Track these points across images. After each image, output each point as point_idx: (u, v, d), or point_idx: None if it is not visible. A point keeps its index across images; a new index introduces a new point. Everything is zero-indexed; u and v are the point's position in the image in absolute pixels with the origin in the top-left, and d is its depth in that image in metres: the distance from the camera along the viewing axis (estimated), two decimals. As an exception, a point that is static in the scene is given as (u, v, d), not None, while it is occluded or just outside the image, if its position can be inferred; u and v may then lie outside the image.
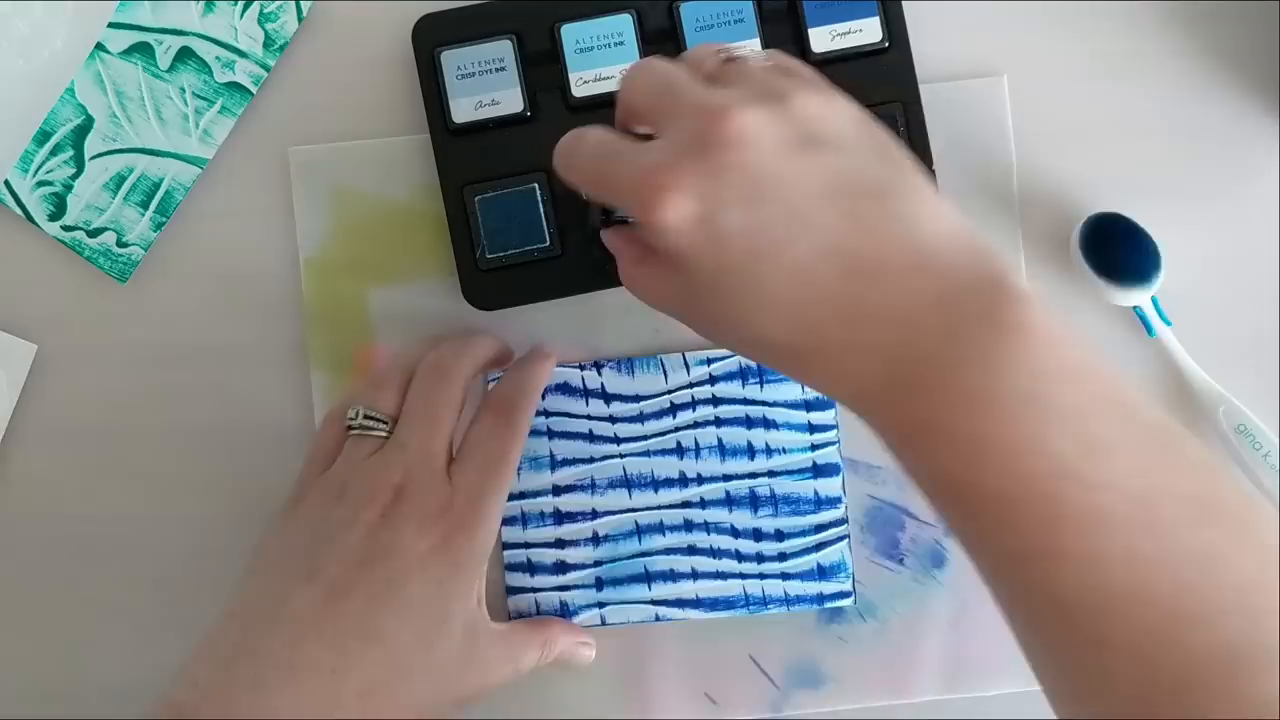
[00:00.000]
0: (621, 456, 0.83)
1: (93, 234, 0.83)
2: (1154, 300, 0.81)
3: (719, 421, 0.83)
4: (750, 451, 0.83)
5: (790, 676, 0.83)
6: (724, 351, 0.83)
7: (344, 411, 0.76)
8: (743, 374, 0.83)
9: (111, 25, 0.83)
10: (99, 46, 0.83)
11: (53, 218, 0.83)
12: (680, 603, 0.83)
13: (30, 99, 0.83)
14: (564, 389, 0.83)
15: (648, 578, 0.83)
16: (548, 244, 0.81)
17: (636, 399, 0.83)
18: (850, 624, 0.83)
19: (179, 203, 0.83)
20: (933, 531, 0.83)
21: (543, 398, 0.83)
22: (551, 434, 0.83)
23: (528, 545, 0.83)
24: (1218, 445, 0.81)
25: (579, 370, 0.83)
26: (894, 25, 0.81)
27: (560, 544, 0.83)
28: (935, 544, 0.83)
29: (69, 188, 0.83)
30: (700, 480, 0.83)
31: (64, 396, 0.84)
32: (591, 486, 0.83)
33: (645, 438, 0.83)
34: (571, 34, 0.80)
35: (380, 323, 0.83)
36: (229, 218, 0.84)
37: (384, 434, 0.74)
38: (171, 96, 0.83)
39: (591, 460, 0.83)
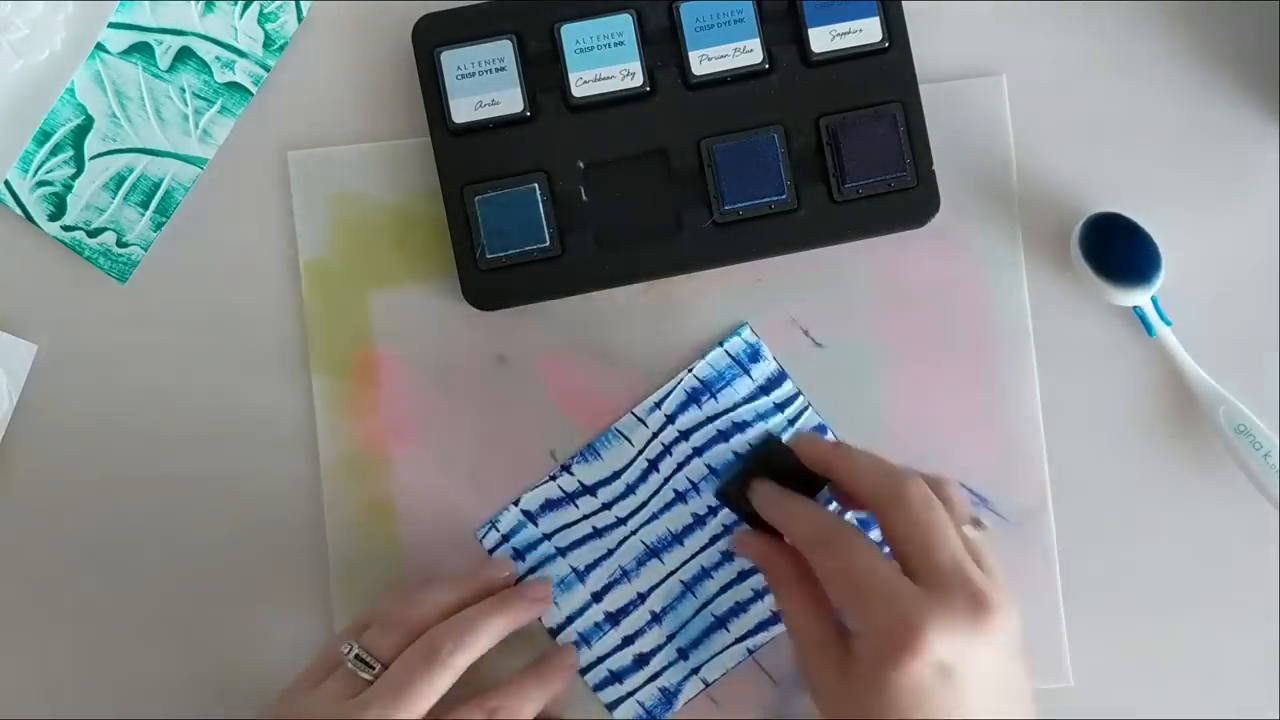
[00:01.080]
0: (634, 533, 0.83)
1: (93, 234, 0.83)
2: (1154, 300, 0.81)
3: (698, 451, 0.83)
4: (740, 460, 0.83)
5: (793, 677, 0.83)
6: (668, 389, 0.83)
7: (354, 633, 0.78)
8: (694, 397, 0.83)
9: (111, 25, 0.83)
10: (99, 46, 0.83)
11: (53, 218, 0.83)
12: (761, 625, 0.83)
13: (30, 99, 0.83)
14: (549, 506, 0.83)
15: (720, 623, 0.83)
16: (548, 244, 0.81)
17: (616, 476, 0.83)
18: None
19: (179, 203, 0.83)
20: (933, 531, 0.83)
21: (535, 522, 0.83)
22: (562, 551, 0.83)
23: (601, 660, 0.83)
24: (1218, 445, 0.81)
25: (551, 481, 0.83)
26: (894, 25, 0.81)
27: (629, 640, 0.83)
28: (936, 544, 0.83)
29: (69, 188, 0.83)
30: (713, 511, 0.83)
31: (64, 396, 0.84)
32: (624, 575, 0.83)
33: (645, 504, 0.83)
34: (571, 34, 0.81)
35: (380, 326, 0.83)
36: (229, 218, 0.84)
37: (369, 679, 0.74)
38: (171, 96, 0.83)
39: (611, 553, 0.83)
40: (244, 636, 0.83)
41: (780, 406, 0.83)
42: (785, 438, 0.78)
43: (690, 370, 0.83)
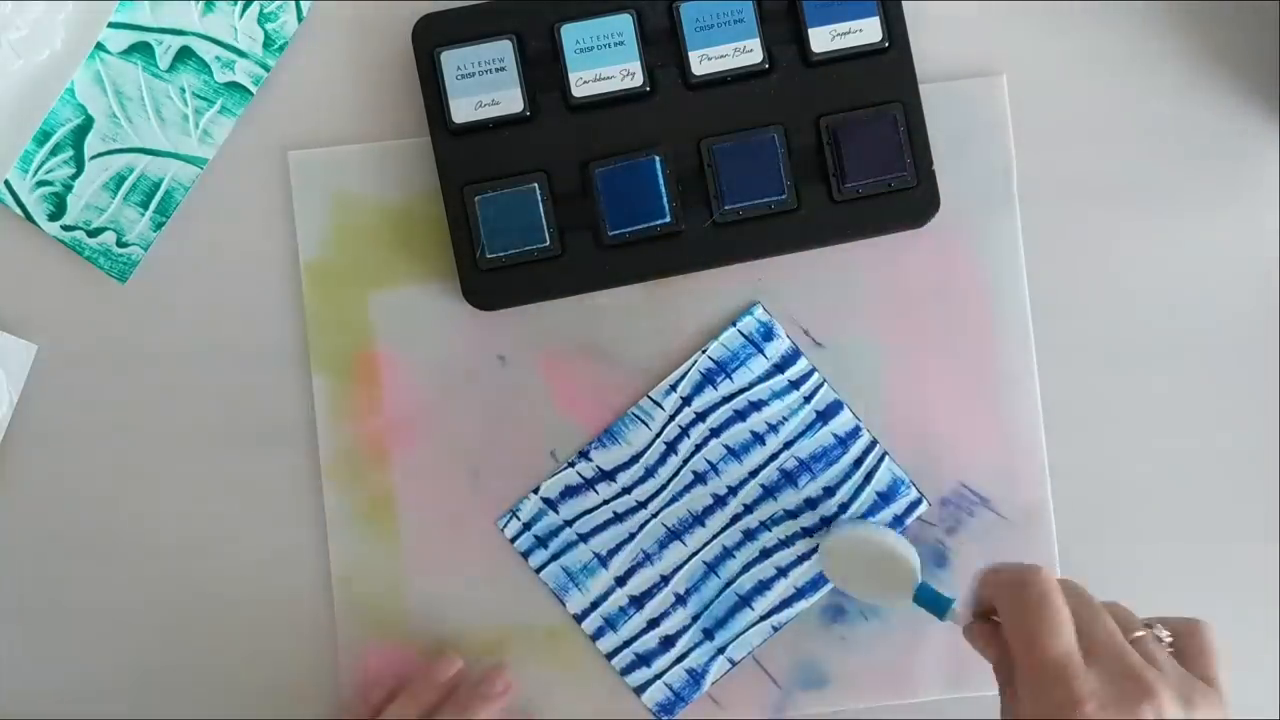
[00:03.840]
0: (655, 515, 0.84)
1: (93, 234, 0.83)
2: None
3: (715, 431, 0.83)
4: (758, 439, 0.83)
5: (793, 677, 0.83)
6: (682, 370, 0.83)
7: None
8: (709, 379, 0.83)
9: (111, 25, 0.83)
10: (99, 46, 0.83)
11: (53, 217, 0.83)
12: (785, 603, 0.83)
13: (30, 99, 0.83)
14: (569, 493, 0.84)
15: (744, 601, 0.84)
16: (547, 244, 0.81)
17: (635, 459, 0.84)
18: (852, 624, 0.83)
19: (179, 203, 0.83)
20: (934, 531, 0.83)
21: (555, 509, 0.83)
22: (584, 537, 0.84)
23: (627, 643, 0.84)
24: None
25: (570, 469, 0.84)
26: (894, 25, 0.81)
27: (654, 624, 0.84)
28: (938, 544, 0.83)
29: (69, 188, 0.83)
30: (733, 491, 0.83)
31: (64, 396, 0.83)
32: (647, 559, 0.84)
33: (664, 486, 0.84)
34: (571, 34, 0.80)
35: (380, 326, 0.83)
36: (229, 218, 0.84)
37: None
38: (171, 96, 0.83)
39: (632, 536, 0.84)
40: (244, 635, 0.83)
41: (795, 384, 0.83)
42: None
43: (704, 351, 0.83)
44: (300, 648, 0.83)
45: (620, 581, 0.84)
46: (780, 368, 0.83)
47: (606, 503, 0.84)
